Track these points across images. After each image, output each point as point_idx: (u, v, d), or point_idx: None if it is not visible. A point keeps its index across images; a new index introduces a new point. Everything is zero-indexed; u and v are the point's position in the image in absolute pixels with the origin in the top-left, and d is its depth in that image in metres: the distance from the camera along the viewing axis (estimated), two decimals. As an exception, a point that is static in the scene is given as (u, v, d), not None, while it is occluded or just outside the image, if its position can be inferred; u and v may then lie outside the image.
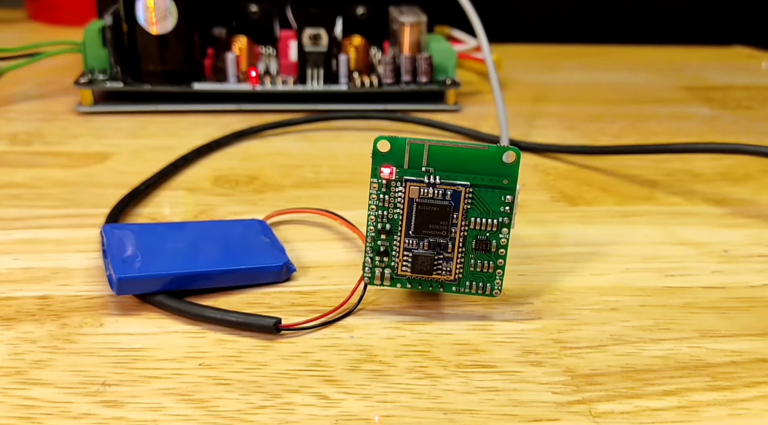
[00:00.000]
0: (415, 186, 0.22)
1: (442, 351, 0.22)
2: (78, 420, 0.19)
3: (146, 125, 0.40)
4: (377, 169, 0.23)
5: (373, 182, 0.23)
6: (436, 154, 0.22)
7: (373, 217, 0.23)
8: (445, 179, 0.22)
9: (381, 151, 0.23)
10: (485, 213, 0.23)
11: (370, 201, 0.23)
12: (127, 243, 0.25)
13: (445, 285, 0.23)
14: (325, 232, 0.29)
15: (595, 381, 0.21)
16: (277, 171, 0.34)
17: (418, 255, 0.23)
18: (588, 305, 0.24)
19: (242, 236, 0.26)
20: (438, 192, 0.22)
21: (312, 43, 0.42)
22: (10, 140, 0.37)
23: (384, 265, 0.23)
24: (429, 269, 0.23)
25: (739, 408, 0.20)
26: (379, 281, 0.23)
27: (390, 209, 0.23)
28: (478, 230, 0.23)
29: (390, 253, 0.23)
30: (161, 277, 0.23)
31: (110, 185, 0.32)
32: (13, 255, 0.26)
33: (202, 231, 0.26)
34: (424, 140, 0.22)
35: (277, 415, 0.19)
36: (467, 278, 0.23)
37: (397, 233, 0.23)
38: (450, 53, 0.44)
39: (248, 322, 0.22)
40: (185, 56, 0.42)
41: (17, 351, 0.21)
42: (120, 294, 0.23)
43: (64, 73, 0.47)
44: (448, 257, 0.23)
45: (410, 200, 0.22)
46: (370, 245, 0.23)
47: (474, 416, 0.19)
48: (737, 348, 0.22)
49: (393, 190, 0.23)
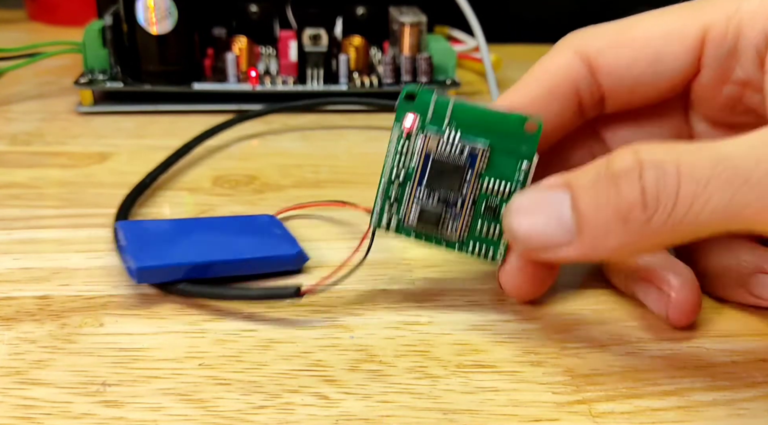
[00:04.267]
0: (435, 140, 0.23)
1: (442, 351, 0.22)
2: (78, 420, 0.19)
3: (146, 125, 0.40)
4: (400, 117, 0.23)
5: (394, 130, 0.23)
6: (460, 112, 0.22)
7: (390, 163, 0.23)
8: (464, 137, 0.22)
9: (407, 101, 0.23)
10: (499, 178, 0.23)
11: (389, 148, 0.23)
12: (143, 236, 0.25)
13: (449, 243, 0.23)
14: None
15: (595, 381, 0.21)
16: (277, 171, 0.34)
17: (426, 209, 0.23)
18: (588, 305, 0.24)
19: (255, 229, 0.27)
20: (456, 149, 0.22)
21: (312, 43, 0.42)
22: (10, 140, 0.37)
23: (392, 213, 0.23)
24: (435, 222, 0.23)
25: (739, 408, 0.20)
26: (386, 227, 0.23)
27: (407, 158, 0.23)
28: (490, 194, 0.23)
29: (400, 202, 0.23)
30: (180, 266, 0.23)
31: (110, 185, 0.32)
32: (13, 255, 0.26)
33: (214, 225, 0.27)
34: (451, 97, 0.23)
35: (277, 415, 0.19)
36: (472, 240, 0.23)
37: (410, 183, 0.23)
38: (450, 53, 0.44)
39: (271, 294, 0.23)
40: (185, 56, 0.42)
41: (17, 351, 0.21)
42: (140, 283, 0.23)
43: (64, 73, 0.47)
44: (456, 215, 0.23)
45: (427, 153, 0.23)
46: (383, 191, 0.23)
47: (474, 416, 0.19)
48: (737, 348, 0.22)
49: (412, 140, 0.23)
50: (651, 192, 0.18)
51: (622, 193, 0.18)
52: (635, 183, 0.18)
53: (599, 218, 0.19)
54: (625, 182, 0.19)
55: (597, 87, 0.23)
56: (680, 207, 0.18)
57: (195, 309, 0.24)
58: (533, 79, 0.23)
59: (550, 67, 0.23)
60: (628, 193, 0.18)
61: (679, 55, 0.22)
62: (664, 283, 0.22)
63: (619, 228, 0.19)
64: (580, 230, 0.19)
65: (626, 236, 0.19)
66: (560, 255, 0.20)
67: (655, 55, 0.22)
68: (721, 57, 0.22)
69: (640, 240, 0.19)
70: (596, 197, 0.19)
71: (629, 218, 0.18)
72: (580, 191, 0.19)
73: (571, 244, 0.20)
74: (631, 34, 0.23)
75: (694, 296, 0.22)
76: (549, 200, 0.20)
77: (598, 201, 0.19)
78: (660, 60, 0.22)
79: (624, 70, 0.23)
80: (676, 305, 0.22)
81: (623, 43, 0.23)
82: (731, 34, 0.22)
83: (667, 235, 0.18)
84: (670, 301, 0.22)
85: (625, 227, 0.19)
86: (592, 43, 0.23)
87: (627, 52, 0.23)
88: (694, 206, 0.18)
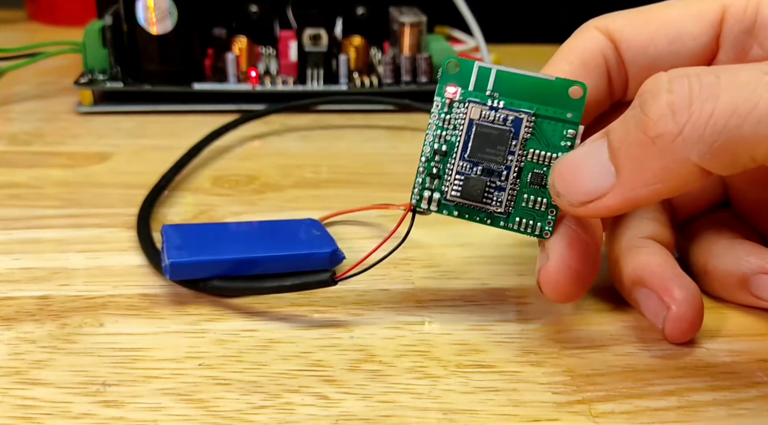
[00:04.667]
0: (477, 108, 0.22)
1: (442, 351, 0.22)
2: (78, 420, 0.19)
3: (146, 125, 0.40)
4: (443, 88, 0.22)
5: (436, 102, 0.22)
6: (503, 80, 0.22)
7: (431, 136, 0.22)
8: (508, 105, 0.22)
9: (449, 71, 0.22)
10: (545, 146, 0.22)
11: (431, 121, 0.22)
12: (181, 236, 0.25)
13: (493, 218, 0.22)
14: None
15: (595, 381, 0.21)
16: (277, 171, 0.34)
17: (470, 178, 0.22)
18: (588, 305, 0.24)
19: (293, 230, 0.27)
20: (499, 117, 0.22)
21: (312, 43, 0.42)
22: (10, 140, 0.37)
23: (434, 188, 0.22)
24: (479, 194, 0.22)
25: (739, 408, 0.20)
26: (427, 204, 0.23)
27: (449, 129, 0.22)
28: (536, 163, 0.22)
29: (442, 176, 0.22)
30: (212, 262, 0.24)
31: (110, 185, 0.32)
32: (13, 255, 0.26)
33: (254, 227, 0.27)
34: (493, 65, 0.22)
35: (277, 415, 0.19)
36: (517, 214, 0.22)
37: (452, 155, 0.22)
38: (450, 53, 0.44)
39: (306, 282, 0.23)
40: (185, 56, 0.42)
41: (17, 351, 0.21)
42: (173, 279, 0.23)
43: (64, 73, 0.47)
44: (500, 186, 0.22)
45: (470, 122, 0.22)
46: (423, 166, 0.22)
47: (474, 416, 0.19)
48: (737, 348, 0.22)
49: (455, 110, 0.22)
50: (682, 101, 0.18)
51: (650, 111, 0.18)
52: (662, 97, 0.18)
53: (630, 145, 0.19)
54: (651, 100, 0.18)
55: (621, 64, 0.23)
56: (720, 113, 0.17)
57: (195, 309, 0.24)
58: (562, 58, 0.23)
59: (579, 43, 0.23)
60: (655, 109, 0.18)
61: (698, 34, 0.22)
62: (666, 294, 0.22)
63: (652, 151, 0.18)
64: (617, 167, 0.19)
65: (659, 158, 0.18)
66: (604, 204, 0.19)
67: (674, 34, 0.22)
68: (740, 35, 0.22)
69: (674, 163, 0.18)
70: (625, 125, 0.19)
71: (659, 134, 0.18)
72: (612, 131, 0.19)
73: (612, 188, 0.19)
74: (650, 15, 0.23)
75: (695, 314, 0.22)
76: (589, 150, 0.20)
77: (627, 127, 0.19)
78: (679, 38, 0.22)
79: (644, 47, 0.22)
80: (675, 319, 0.22)
81: (643, 22, 0.23)
82: (750, 12, 0.22)
83: (704, 154, 0.17)
84: (669, 314, 0.22)
85: (655, 148, 0.18)
86: (613, 21, 0.23)
87: (646, 30, 0.22)
88: (738, 109, 0.17)
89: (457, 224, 0.23)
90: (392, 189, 0.33)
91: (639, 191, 0.19)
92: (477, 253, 0.27)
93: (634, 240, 0.24)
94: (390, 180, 0.34)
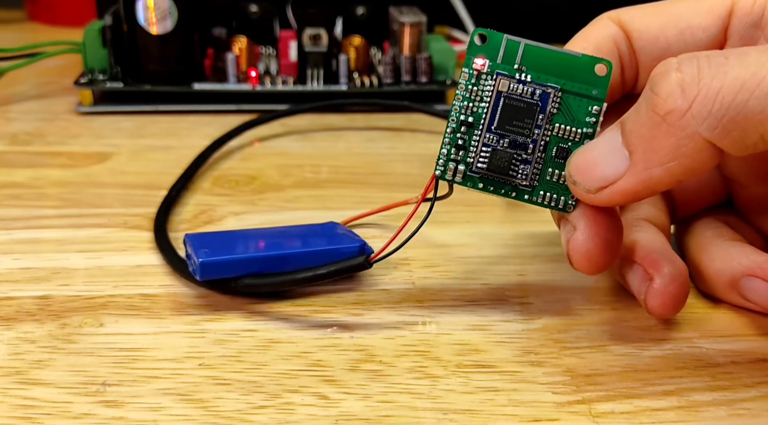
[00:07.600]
0: (506, 80, 0.22)
1: (442, 351, 0.22)
2: (78, 420, 0.19)
3: (146, 125, 0.40)
4: (470, 59, 0.22)
5: (464, 72, 0.22)
6: (531, 54, 0.22)
7: (458, 107, 0.22)
8: (536, 79, 0.22)
9: (477, 43, 0.22)
10: (571, 121, 0.22)
11: (458, 92, 0.22)
12: (206, 241, 0.25)
13: (518, 191, 0.22)
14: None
15: (595, 381, 0.21)
16: (277, 171, 0.34)
17: (497, 150, 0.22)
18: (588, 305, 0.24)
19: (317, 231, 0.27)
20: (527, 90, 0.22)
21: (312, 43, 0.42)
22: (10, 140, 0.37)
23: (459, 159, 0.22)
24: (506, 166, 0.22)
25: (739, 408, 0.20)
26: (452, 175, 0.22)
27: (476, 101, 0.22)
28: (561, 138, 0.22)
29: (467, 148, 0.22)
30: (243, 260, 0.24)
31: (110, 185, 0.32)
32: (13, 255, 0.26)
33: (277, 230, 0.27)
34: (521, 39, 0.22)
35: (277, 415, 0.19)
36: (542, 188, 0.22)
37: (479, 127, 0.22)
38: (450, 53, 0.44)
39: (341, 268, 0.23)
40: (185, 56, 0.42)
41: (17, 351, 0.21)
42: (203, 279, 0.23)
43: (64, 73, 0.47)
44: (526, 159, 0.22)
45: (498, 94, 0.22)
46: (449, 137, 0.22)
47: (474, 416, 0.19)
48: (737, 348, 0.22)
49: (482, 82, 0.22)
50: (691, 78, 0.18)
51: (660, 90, 0.18)
52: (672, 76, 0.18)
53: (642, 126, 0.19)
54: (661, 80, 0.18)
55: (633, 54, 0.23)
56: (728, 88, 0.17)
57: (195, 309, 0.24)
58: (576, 44, 0.23)
59: (592, 32, 0.23)
60: (665, 87, 0.18)
61: (707, 26, 0.23)
62: (651, 266, 0.22)
63: (662, 129, 0.18)
64: (630, 150, 0.19)
65: (670, 135, 0.18)
66: (619, 188, 0.20)
67: (684, 25, 0.23)
68: (748, 28, 0.22)
69: (685, 139, 0.18)
70: (636, 108, 0.19)
71: (668, 111, 0.18)
72: (625, 118, 0.20)
73: (626, 171, 0.19)
74: (662, 8, 0.23)
75: (678, 290, 0.22)
76: (604, 138, 0.20)
77: (639, 109, 0.19)
78: (689, 29, 0.23)
79: (654, 37, 0.23)
80: (657, 292, 0.22)
81: (654, 14, 0.23)
82: (758, 5, 0.22)
83: (714, 128, 0.18)
84: (651, 285, 0.22)
85: (666, 125, 0.18)
86: (626, 13, 0.23)
87: (657, 21, 0.23)
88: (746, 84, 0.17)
89: (458, 224, 0.23)
90: (392, 189, 0.33)
91: (653, 172, 0.19)
92: (477, 253, 0.27)
93: (629, 220, 0.24)
94: (390, 180, 0.34)
